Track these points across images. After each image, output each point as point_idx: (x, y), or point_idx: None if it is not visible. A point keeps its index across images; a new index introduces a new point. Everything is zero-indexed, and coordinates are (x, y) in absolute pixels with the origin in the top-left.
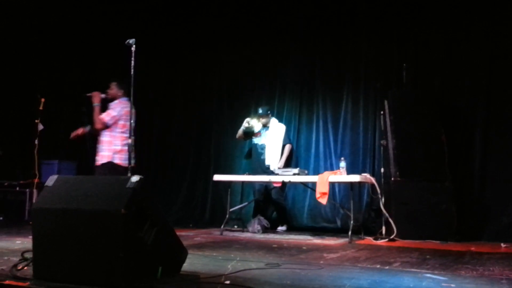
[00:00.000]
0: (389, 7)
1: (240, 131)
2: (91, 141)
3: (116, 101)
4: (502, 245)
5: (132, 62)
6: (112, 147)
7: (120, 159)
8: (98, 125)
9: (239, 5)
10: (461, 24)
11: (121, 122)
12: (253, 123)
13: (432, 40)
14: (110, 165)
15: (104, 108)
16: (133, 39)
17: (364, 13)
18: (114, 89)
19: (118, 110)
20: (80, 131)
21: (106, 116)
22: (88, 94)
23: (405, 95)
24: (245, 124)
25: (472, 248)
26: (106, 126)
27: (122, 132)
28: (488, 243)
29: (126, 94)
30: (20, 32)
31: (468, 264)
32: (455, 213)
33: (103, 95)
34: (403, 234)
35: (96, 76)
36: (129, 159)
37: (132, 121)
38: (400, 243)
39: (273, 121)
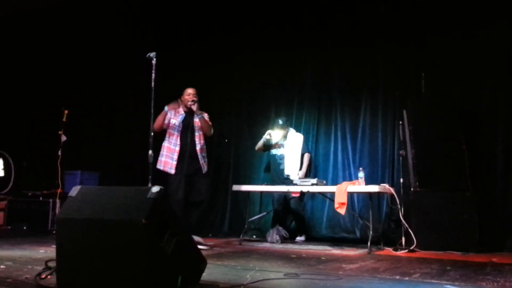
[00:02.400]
0: (406, 15)
1: (260, 143)
2: None
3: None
4: None
5: (153, 75)
6: None
7: None
8: (211, 133)
9: (256, 17)
10: (479, 30)
11: None
12: (274, 134)
13: (450, 47)
14: None
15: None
16: (154, 53)
17: (382, 22)
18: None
19: None
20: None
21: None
22: (192, 104)
23: (424, 103)
24: (266, 137)
25: (494, 259)
26: None
27: None
28: (511, 254)
29: None
30: (44, 46)
31: (489, 276)
32: (477, 224)
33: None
34: (423, 244)
35: (118, 89)
36: None
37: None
38: (420, 254)
39: (291, 131)
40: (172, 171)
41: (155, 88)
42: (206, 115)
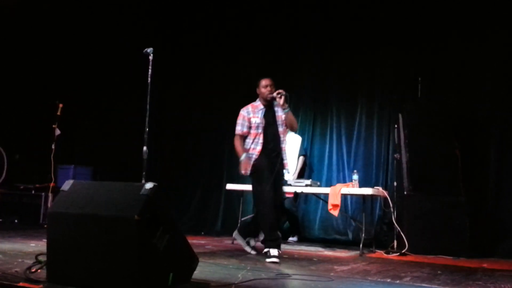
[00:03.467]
0: (404, 20)
1: None
2: None
3: (281, 105)
4: None
5: (150, 70)
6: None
7: None
8: (296, 127)
9: (254, 18)
10: (475, 37)
11: None
12: None
13: (447, 53)
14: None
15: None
16: (151, 48)
17: (379, 26)
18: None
19: None
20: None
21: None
22: (278, 97)
23: (420, 108)
24: None
25: (485, 265)
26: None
27: None
28: (501, 260)
29: None
30: (38, 38)
31: (480, 281)
32: (468, 229)
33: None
34: (415, 248)
35: (113, 83)
36: None
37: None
38: (411, 257)
39: (290, 132)
40: (248, 172)
41: (151, 84)
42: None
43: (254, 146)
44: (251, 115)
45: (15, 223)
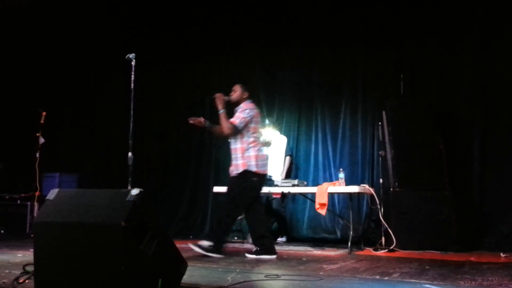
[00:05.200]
0: (386, 17)
1: None
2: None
3: (241, 105)
4: (502, 254)
5: (132, 76)
6: (246, 154)
7: (257, 166)
8: (227, 131)
9: (236, 17)
10: (457, 33)
11: (252, 125)
12: (266, 133)
13: (429, 50)
14: (246, 174)
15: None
16: (133, 54)
17: (362, 24)
18: (238, 91)
19: (247, 112)
20: (200, 120)
21: (235, 119)
22: (212, 96)
23: (403, 105)
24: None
25: (472, 258)
26: (237, 131)
27: (255, 137)
28: (488, 253)
29: (251, 97)
30: (22, 46)
31: (467, 274)
32: (455, 223)
33: (226, 98)
34: (403, 244)
35: (96, 90)
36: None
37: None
38: (399, 253)
39: (275, 133)
40: None
41: (135, 89)
42: (239, 113)
43: None
44: None
45: (1, 234)
